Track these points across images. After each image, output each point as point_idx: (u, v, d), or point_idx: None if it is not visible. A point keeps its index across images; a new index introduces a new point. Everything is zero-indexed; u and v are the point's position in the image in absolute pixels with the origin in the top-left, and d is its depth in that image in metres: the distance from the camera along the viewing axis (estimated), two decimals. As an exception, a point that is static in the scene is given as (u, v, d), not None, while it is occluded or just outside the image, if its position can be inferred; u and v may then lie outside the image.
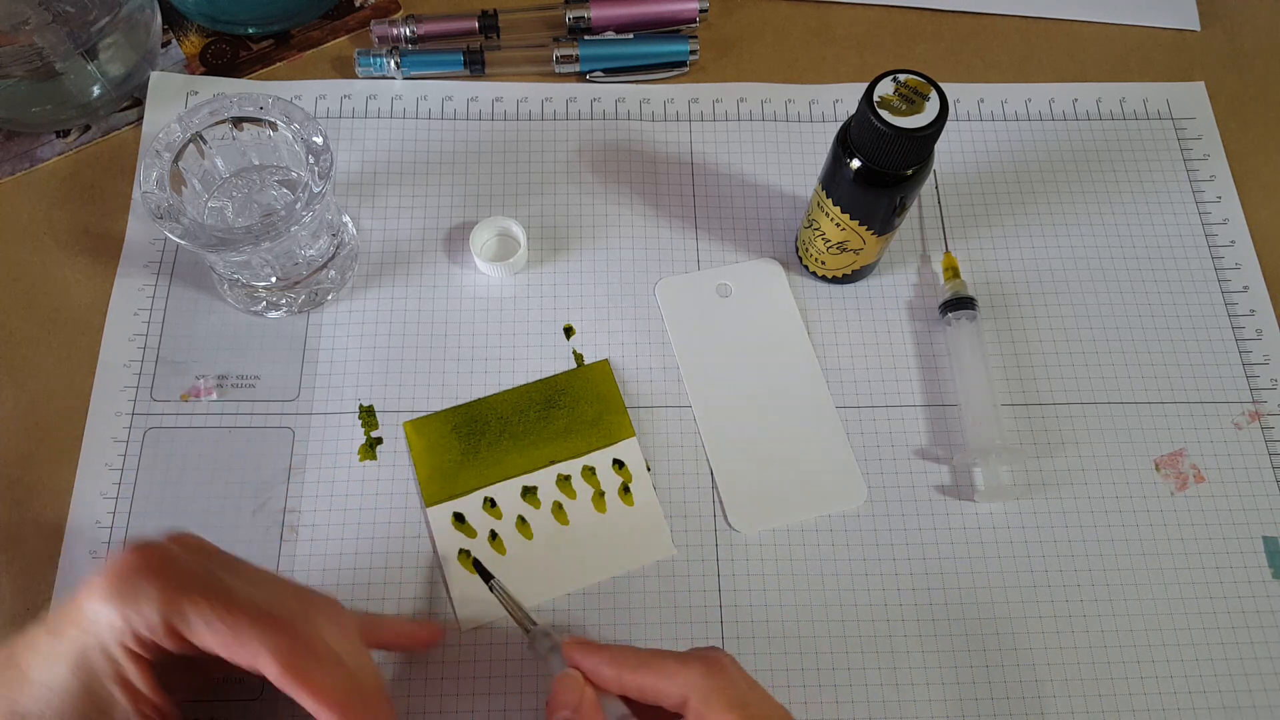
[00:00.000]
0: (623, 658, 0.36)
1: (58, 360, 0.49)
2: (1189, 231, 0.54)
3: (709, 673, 0.35)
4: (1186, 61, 0.60)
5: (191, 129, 0.45)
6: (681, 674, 0.35)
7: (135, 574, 0.32)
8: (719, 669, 0.35)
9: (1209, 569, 0.47)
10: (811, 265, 0.51)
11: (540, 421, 0.48)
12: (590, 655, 0.37)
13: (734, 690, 0.34)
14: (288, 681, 0.32)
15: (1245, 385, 0.51)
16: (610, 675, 0.36)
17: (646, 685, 0.35)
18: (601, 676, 0.36)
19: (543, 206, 0.54)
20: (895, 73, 0.42)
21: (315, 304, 0.50)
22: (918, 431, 0.49)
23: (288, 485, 0.47)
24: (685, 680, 0.34)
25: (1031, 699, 0.44)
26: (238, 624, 0.32)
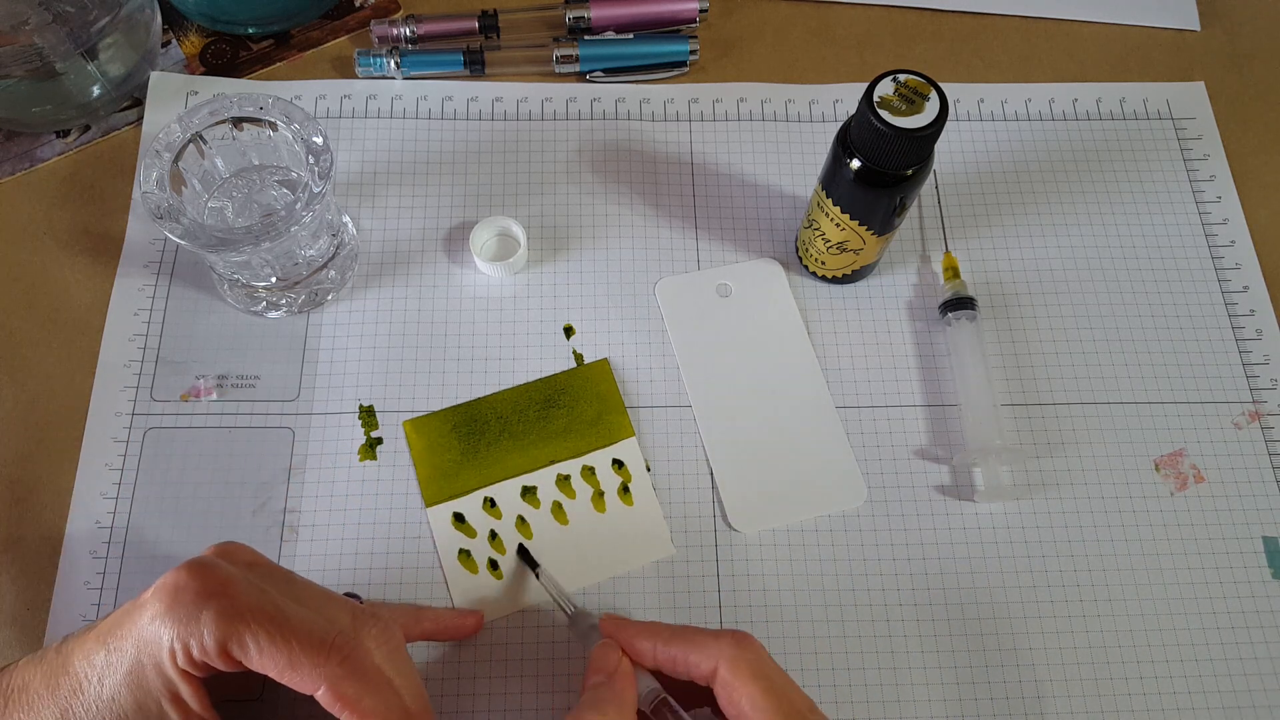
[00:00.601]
0: (657, 631, 0.38)
1: (58, 360, 0.49)
2: (1189, 231, 0.54)
3: (739, 644, 0.36)
4: (1186, 61, 0.60)
5: (191, 129, 0.45)
6: (713, 645, 0.36)
7: (194, 597, 0.33)
8: (748, 643, 0.36)
9: (1209, 569, 0.47)
10: (811, 265, 0.51)
11: (540, 421, 0.48)
12: (626, 628, 0.39)
13: (761, 664, 0.36)
14: (338, 708, 0.33)
15: (1245, 385, 0.51)
16: (645, 647, 0.38)
17: (679, 656, 0.37)
18: (637, 649, 0.38)
19: (543, 206, 0.54)
20: (895, 73, 0.42)
21: (315, 304, 0.50)
22: (918, 431, 0.49)
23: (288, 485, 0.47)
24: (716, 650, 0.36)
25: (1031, 699, 0.44)
26: (292, 651, 0.33)
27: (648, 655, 0.38)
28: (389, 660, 0.35)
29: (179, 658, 0.33)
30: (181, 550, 0.45)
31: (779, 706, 0.35)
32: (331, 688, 0.33)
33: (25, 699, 0.34)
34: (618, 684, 0.37)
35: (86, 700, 0.33)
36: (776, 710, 0.35)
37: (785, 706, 0.35)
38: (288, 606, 0.34)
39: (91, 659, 0.34)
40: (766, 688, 0.35)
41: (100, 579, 0.44)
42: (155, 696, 0.33)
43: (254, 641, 0.33)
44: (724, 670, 0.35)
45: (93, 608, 0.44)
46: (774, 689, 0.35)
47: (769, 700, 0.35)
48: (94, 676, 0.33)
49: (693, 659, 0.36)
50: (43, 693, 0.34)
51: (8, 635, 0.43)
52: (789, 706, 0.35)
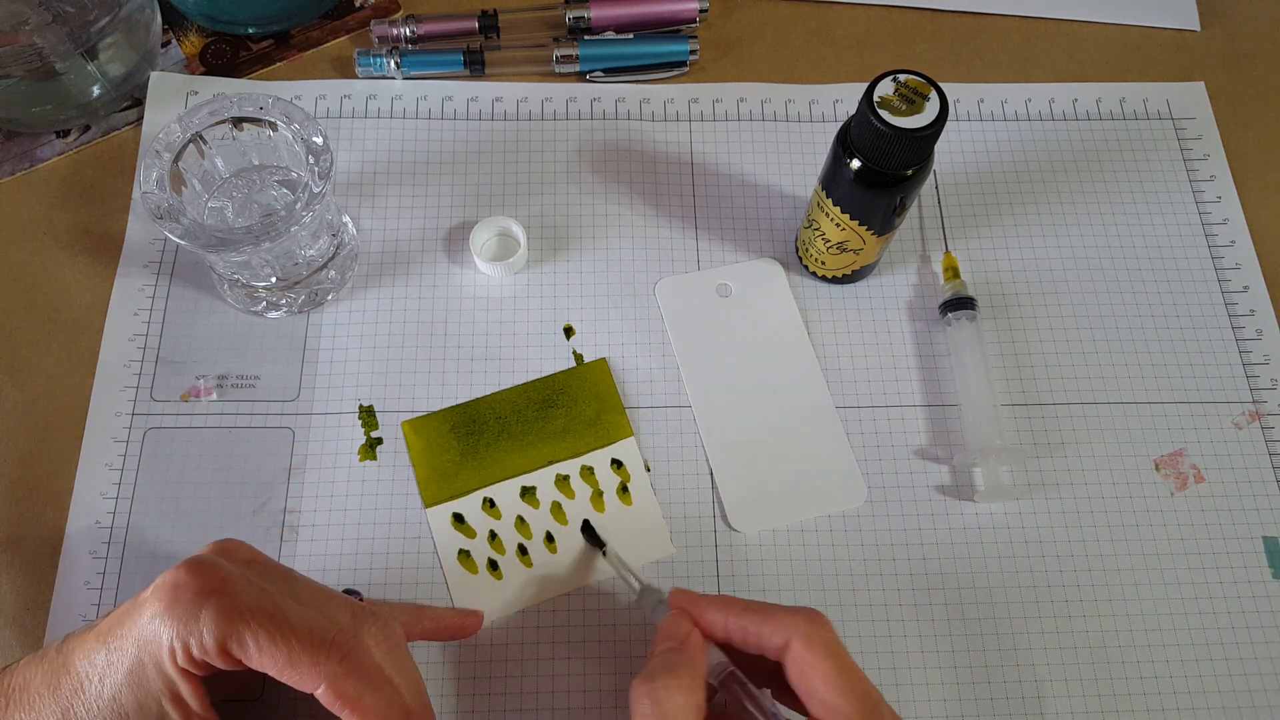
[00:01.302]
0: (729, 603, 0.37)
1: (58, 360, 0.49)
2: (1189, 231, 0.54)
3: (813, 620, 0.36)
4: (1186, 61, 0.60)
5: (191, 129, 0.45)
6: (787, 619, 0.36)
7: (193, 596, 0.33)
8: (822, 620, 0.36)
9: (1209, 569, 0.47)
10: (811, 265, 0.51)
11: (538, 421, 0.48)
12: (697, 601, 0.38)
13: (835, 643, 0.35)
14: (338, 707, 0.33)
15: (1245, 385, 0.51)
16: (717, 619, 0.37)
17: (751, 629, 0.36)
18: (707, 621, 0.37)
19: (543, 206, 0.54)
20: (895, 73, 0.42)
21: (315, 304, 0.50)
22: (918, 431, 0.49)
23: (288, 485, 0.47)
24: (791, 625, 0.35)
25: (1031, 699, 0.44)
26: (291, 649, 0.33)
27: (719, 627, 0.37)
28: (389, 658, 0.35)
29: (179, 656, 0.33)
30: (181, 550, 0.45)
31: (852, 686, 0.34)
32: (331, 686, 0.33)
33: (26, 698, 0.34)
34: (689, 651, 0.36)
35: (88, 700, 0.33)
36: (850, 690, 0.34)
37: (858, 687, 0.34)
38: (287, 604, 0.34)
39: (92, 658, 0.34)
40: (839, 666, 0.34)
41: (100, 579, 0.44)
42: (155, 695, 0.33)
43: (253, 640, 0.33)
44: (798, 645, 0.35)
45: (93, 608, 0.44)
46: (847, 669, 0.35)
47: (842, 679, 0.34)
48: (95, 676, 0.33)
49: (765, 631, 0.36)
50: (44, 692, 0.34)
51: (8, 635, 0.43)
52: (861, 687, 0.34)
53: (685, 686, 0.34)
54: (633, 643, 0.44)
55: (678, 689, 0.34)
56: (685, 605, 0.38)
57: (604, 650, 0.44)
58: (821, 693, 0.34)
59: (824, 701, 0.34)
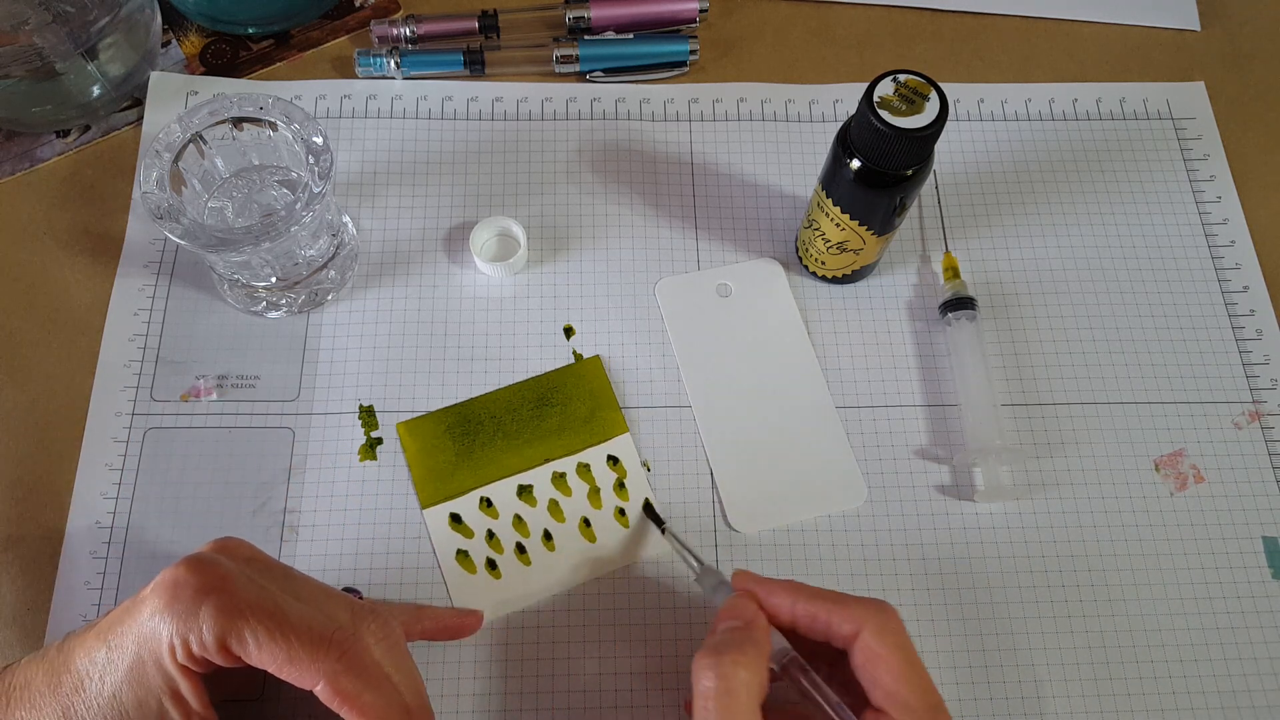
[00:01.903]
0: (797, 588, 0.37)
1: (58, 360, 0.49)
2: (1189, 231, 0.54)
3: (884, 612, 0.36)
4: (1186, 61, 0.60)
5: (191, 129, 0.45)
6: (858, 609, 0.35)
7: (193, 593, 0.33)
8: (893, 612, 0.36)
9: (1209, 569, 0.47)
10: (811, 265, 0.51)
11: (533, 420, 0.48)
12: (764, 583, 0.37)
13: (905, 637, 0.35)
14: (337, 704, 0.33)
15: (1245, 385, 0.51)
16: (784, 602, 0.37)
17: (819, 614, 0.36)
18: (774, 603, 0.37)
19: (543, 206, 0.54)
20: (895, 73, 0.42)
21: (315, 304, 0.50)
22: (918, 431, 0.49)
23: (288, 485, 0.47)
24: (862, 614, 0.35)
25: (1031, 699, 0.44)
26: (291, 646, 0.33)
27: (785, 610, 0.37)
28: (388, 656, 0.35)
29: (178, 653, 0.33)
30: (181, 550, 0.45)
31: (919, 682, 0.34)
32: (330, 683, 0.33)
33: (28, 697, 0.34)
34: (755, 630, 0.35)
35: (88, 698, 0.33)
36: (918, 685, 0.34)
37: (925, 683, 0.34)
38: (286, 602, 0.34)
39: (93, 656, 0.34)
40: (909, 660, 0.35)
41: (100, 579, 0.44)
42: (155, 693, 0.33)
43: (253, 636, 0.33)
44: (869, 636, 0.35)
45: (93, 608, 0.44)
46: (916, 664, 0.35)
47: (911, 673, 0.34)
48: (96, 674, 0.33)
49: (835, 619, 0.35)
50: (45, 691, 0.34)
51: (8, 635, 0.43)
52: (927, 684, 0.35)
53: (751, 663, 0.34)
54: (633, 642, 0.44)
55: (744, 665, 0.34)
56: (751, 587, 0.38)
57: (604, 649, 0.44)
58: (888, 683, 0.34)
59: (890, 692, 0.34)
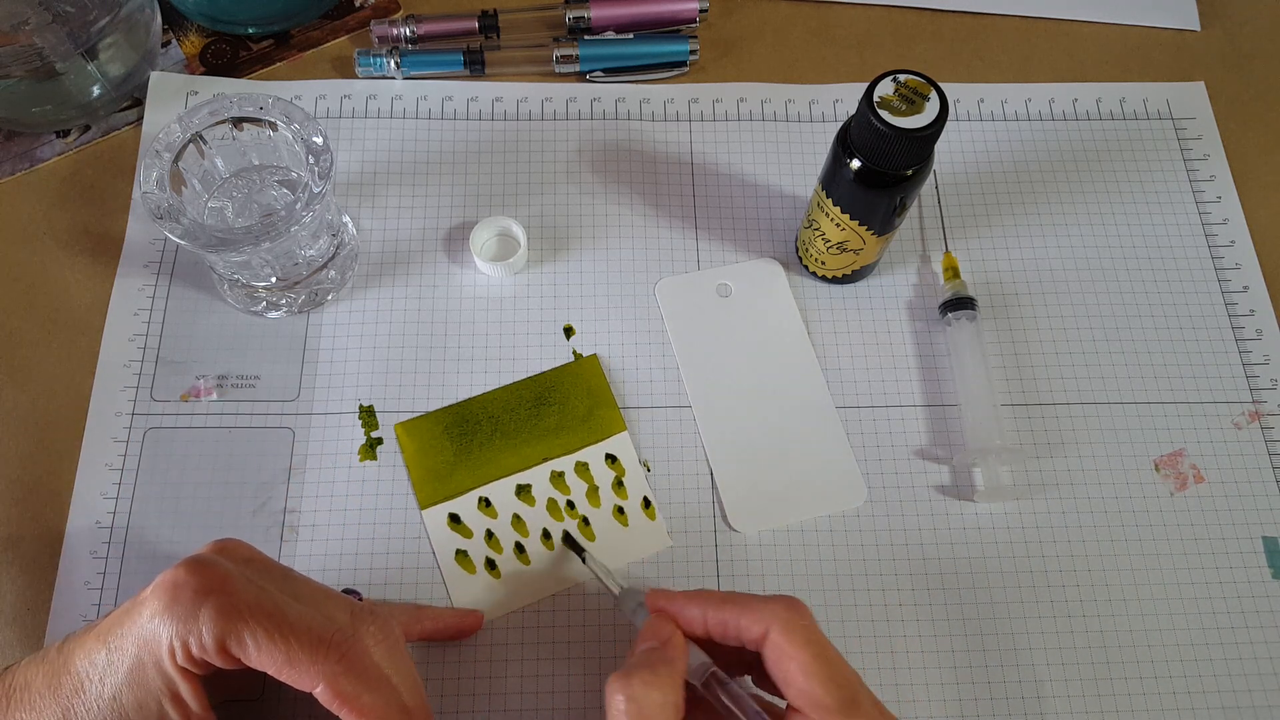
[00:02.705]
0: (706, 597, 0.37)
1: (58, 360, 0.49)
2: (1189, 231, 0.54)
3: (791, 608, 0.35)
4: (1186, 61, 0.60)
5: (191, 129, 0.45)
6: (765, 608, 0.35)
7: (192, 594, 0.33)
8: (800, 608, 0.36)
9: (1209, 569, 0.47)
10: (811, 265, 0.51)
11: (531, 419, 0.48)
12: (675, 598, 0.38)
13: (813, 630, 0.35)
14: (336, 705, 0.33)
15: (1245, 385, 0.51)
16: (696, 614, 0.37)
17: (730, 620, 0.36)
18: (687, 616, 0.37)
19: (543, 206, 0.54)
20: (895, 73, 0.42)
21: (315, 304, 0.50)
22: (918, 431, 0.49)
23: (288, 485, 0.47)
24: (770, 613, 0.35)
25: (1031, 699, 0.44)
26: (290, 648, 0.33)
27: (698, 622, 0.37)
28: (388, 658, 0.35)
29: (178, 655, 0.33)
30: (181, 550, 0.45)
31: (831, 674, 0.34)
32: (330, 684, 0.33)
33: (27, 698, 0.34)
34: (670, 650, 0.36)
35: (88, 699, 0.33)
36: (829, 678, 0.34)
37: (837, 675, 0.34)
38: (286, 603, 0.34)
39: (93, 658, 0.34)
40: (819, 654, 0.34)
41: (100, 579, 0.44)
42: (155, 695, 0.33)
43: (252, 638, 0.33)
44: (776, 634, 0.35)
45: (93, 608, 0.44)
46: (826, 656, 0.34)
47: (821, 667, 0.34)
48: (95, 676, 0.33)
49: (744, 623, 0.35)
50: (44, 692, 0.34)
51: (8, 635, 0.43)
52: (840, 676, 0.34)
53: (663, 684, 0.34)
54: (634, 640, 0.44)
55: (655, 686, 0.34)
56: (663, 605, 0.38)
57: (604, 649, 0.44)
58: (799, 681, 0.34)
59: (801, 690, 0.34)
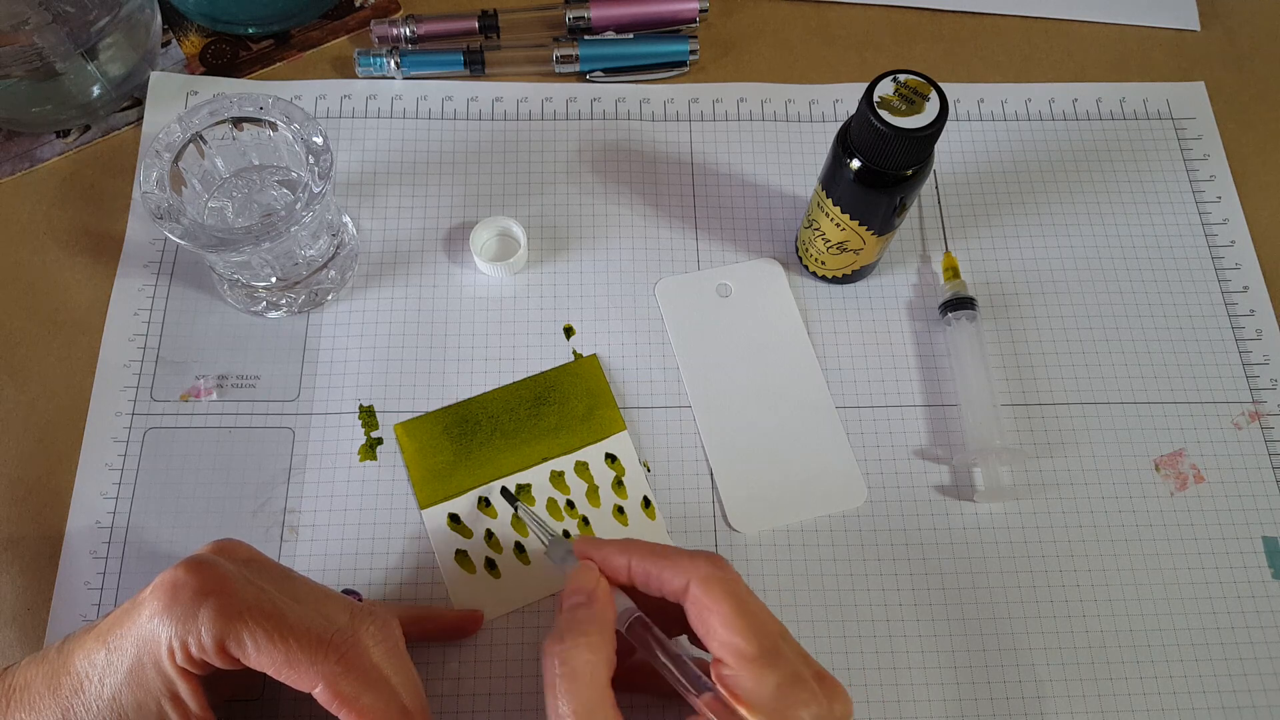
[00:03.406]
0: (632, 547, 0.37)
1: (58, 360, 0.49)
2: (1189, 231, 0.54)
3: (713, 563, 0.36)
4: (1186, 61, 0.60)
5: (191, 129, 0.45)
6: (687, 562, 0.36)
7: (192, 594, 0.33)
8: (722, 563, 0.36)
9: (1209, 569, 0.47)
10: (811, 265, 0.51)
11: (531, 419, 0.48)
12: (601, 546, 0.38)
13: (735, 583, 0.35)
14: (335, 706, 0.33)
15: (1245, 385, 0.51)
16: (620, 563, 0.37)
17: (653, 571, 0.36)
18: (612, 565, 0.37)
19: (543, 206, 0.54)
20: (895, 73, 0.42)
21: (315, 304, 0.50)
22: (918, 431, 0.49)
23: (288, 485, 0.47)
24: (690, 567, 0.35)
25: (1031, 699, 0.44)
26: (289, 649, 0.33)
27: (622, 571, 0.37)
28: (387, 658, 0.35)
29: (177, 656, 0.33)
30: (181, 550, 0.45)
31: (750, 626, 0.34)
32: (329, 685, 0.33)
33: (27, 698, 0.34)
34: (596, 605, 0.36)
35: (87, 700, 0.33)
36: (748, 630, 0.34)
37: (757, 626, 0.34)
38: (285, 604, 0.34)
39: (93, 658, 0.34)
40: (738, 607, 0.34)
41: (100, 579, 0.44)
42: (155, 695, 0.33)
43: (251, 639, 0.33)
44: (695, 588, 0.35)
45: (93, 608, 0.44)
46: (746, 609, 0.34)
47: (740, 618, 0.34)
48: (95, 676, 0.33)
49: (666, 575, 0.36)
50: (44, 692, 0.34)
51: (8, 635, 0.43)
52: (760, 627, 0.34)
53: (593, 644, 0.34)
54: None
55: (586, 647, 0.34)
56: (589, 551, 0.38)
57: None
58: (720, 632, 0.34)
59: (723, 641, 0.34)
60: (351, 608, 0.36)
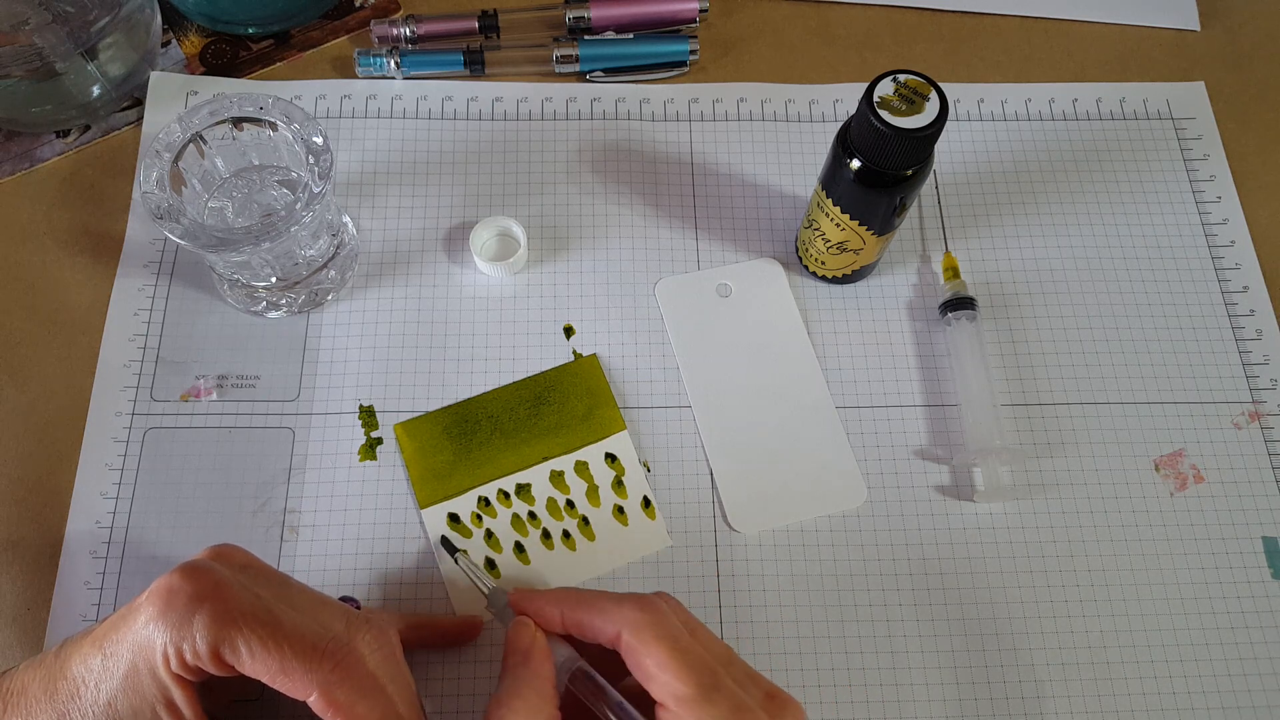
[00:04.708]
0: (563, 597, 0.37)
1: (58, 360, 0.49)
2: (1189, 231, 0.54)
3: (642, 608, 0.35)
4: (1186, 61, 0.60)
5: (191, 129, 0.45)
6: (616, 610, 0.36)
7: (187, 601, 0.33)
8: (651, 607, 0.36)
9: (1209, 569, 0.47)
10: (811, 265, 0.51)
11: (531, 419, 0.48)
12: (534, 599, 0.38)
13: (665, 625, 0.35)
14: (330, 714, 0.33)
15: (1245, 385, 0.51)
16: (554, 615, 0.37)
17: (585, 621, 0.36)
18: (546, 617, 0.37)
19: (543, 206, 0.54)
20: (895, 73, 0.42)
21: (315, 304, 0.50)
22: (918, 431, 0.49)
23: (288, 485, 0.47)
24: (620, 615, 0.35)
25: (1031, 699, 0.44)
26: (284, 656, 0.33)
27: (557, 622, 0.37)
28: (383, 666, 0.35)
29: (172, 662, 0.32)
30: (181, 550, 0.45)
31: (684, 663, 0.34)
32: (323, 693, 0.33)
33: (24, 703, 0.34)
34: (533, 663, 0.36)
35: (83, 705, 0.33)
36: (683, 670, 0.34)
37: (692, 661, 0.34)
38: (281, 610, 0.34)
39: (89, 663, 0.34)
40: (671, 648, 0.34)
41: (100, 579, 0.44)
42: (150, 701, 0.33)
43: (246, 646, 0.32)
44: (626, 635, 0.35)
45: (93, 608, 0.44)
46: (679, 648, 0.34)
47: (673, 660, 0.34)
48: (91, 681, 0.33)
49: (597, 624, 0.36)
50: (40, 697, 0.34)
51: (8, 635, 0.43)
52: (695, 661, 0.34)
53: (531, 706, 0.34)
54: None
55: (524, 711, 0.34)
56: (524, 605, 0.38)
57: None
58: (657, 676, 0.34)
59: (660, 685, 0.34)
60: (348, 615, 0.36)
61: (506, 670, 0.36)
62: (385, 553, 0.45)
